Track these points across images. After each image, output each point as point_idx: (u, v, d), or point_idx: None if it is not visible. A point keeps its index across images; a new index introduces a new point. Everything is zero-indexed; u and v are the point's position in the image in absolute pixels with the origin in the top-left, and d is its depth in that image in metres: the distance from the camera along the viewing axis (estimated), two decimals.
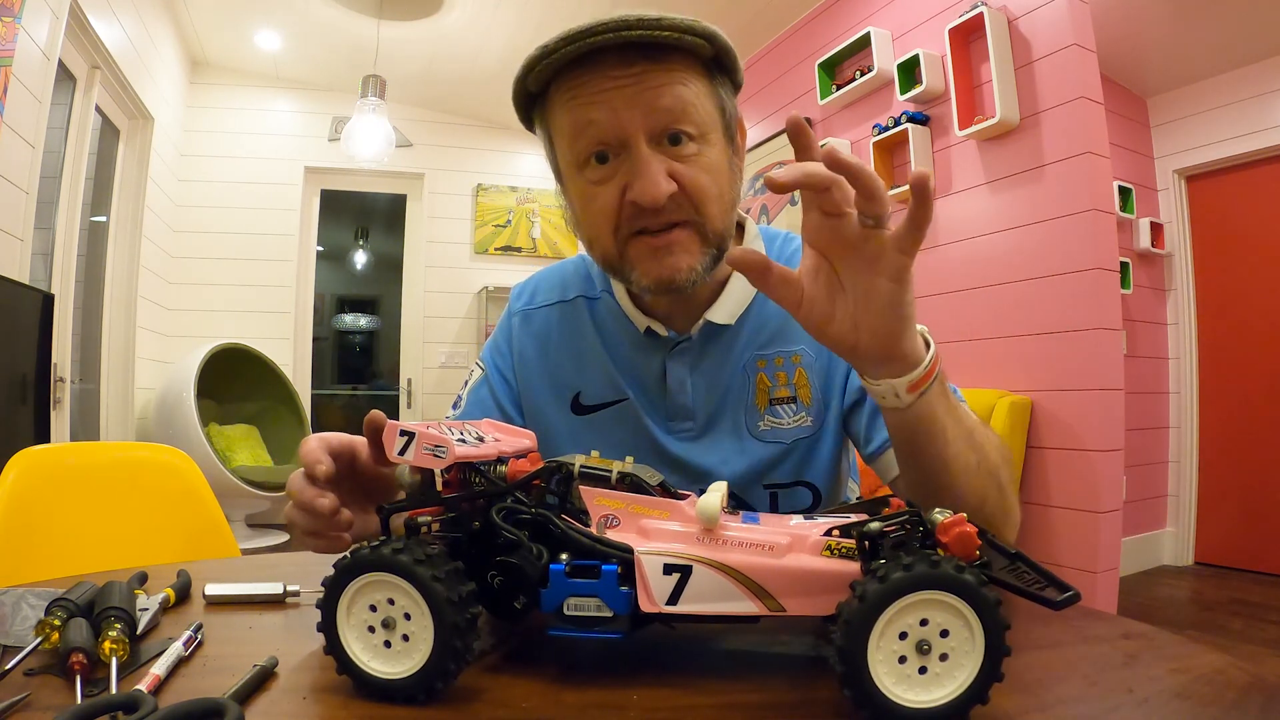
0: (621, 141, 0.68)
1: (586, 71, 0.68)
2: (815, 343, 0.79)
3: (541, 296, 0.90)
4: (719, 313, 0.80)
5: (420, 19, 3.88)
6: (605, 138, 0.69)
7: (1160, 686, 0.46)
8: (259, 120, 4.69)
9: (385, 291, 6.77)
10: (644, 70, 0.67)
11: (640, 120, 0.67)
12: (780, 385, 0.81)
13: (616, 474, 0.48)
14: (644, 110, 0.67)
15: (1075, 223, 2.52)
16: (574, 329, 0.86)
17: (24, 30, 2.29)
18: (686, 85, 0.68)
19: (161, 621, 0.57)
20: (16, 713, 0.40)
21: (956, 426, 0.61)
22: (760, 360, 0.81)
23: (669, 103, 0.67)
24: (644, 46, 0.66)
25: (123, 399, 3.70)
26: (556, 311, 0.88)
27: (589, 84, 0.68)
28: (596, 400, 0.84)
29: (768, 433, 0.81)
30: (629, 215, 0.70)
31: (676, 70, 0.68)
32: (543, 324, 0.88)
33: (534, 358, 0.87)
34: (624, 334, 0.84)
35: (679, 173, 0.69)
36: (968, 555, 0.41)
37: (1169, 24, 3.24)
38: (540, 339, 0.87)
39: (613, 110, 0.67)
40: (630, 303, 0.83)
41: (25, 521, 0.98)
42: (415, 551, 0.42)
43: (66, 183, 3.00)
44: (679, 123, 0.68)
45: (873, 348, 0.55)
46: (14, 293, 2.19)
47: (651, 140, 0.68)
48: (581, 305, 0.87)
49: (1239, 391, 3.61)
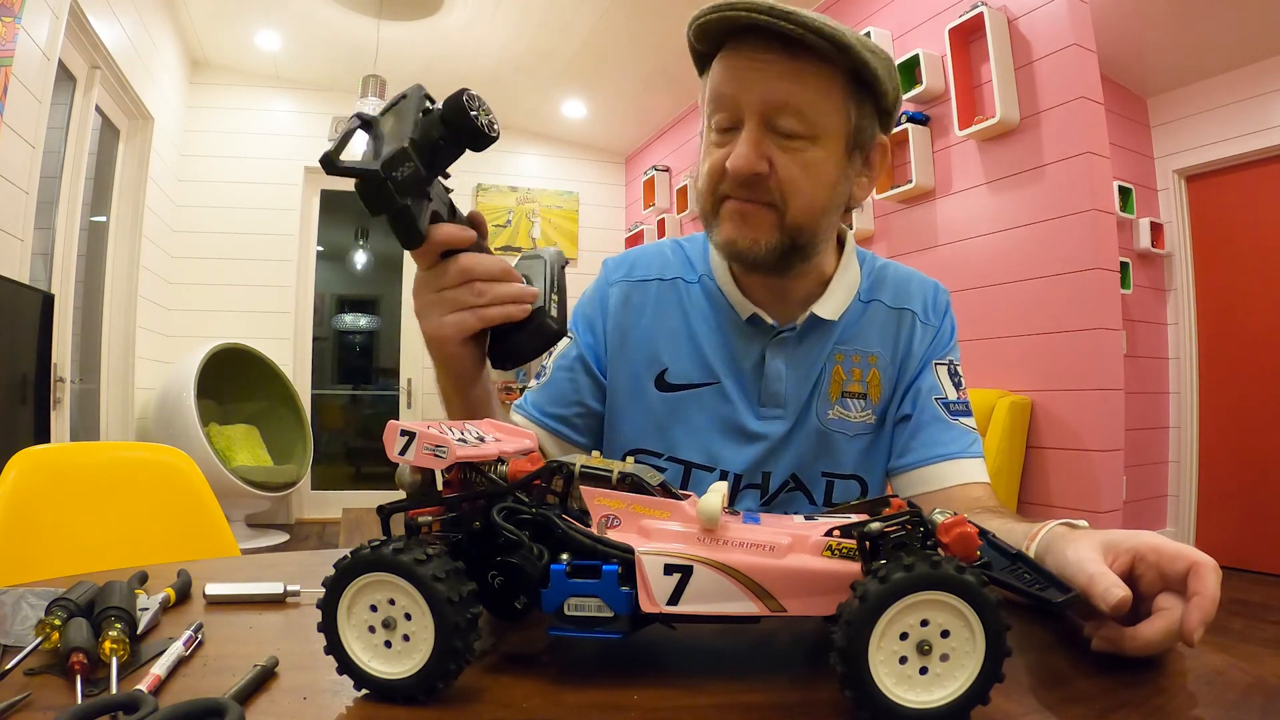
0: (739, 117, 0.74)
1: (737, 46, 0.74)
2: (891, 348, 0.87)
3: (640, 271, 0.92)
4: (825, 308, 0.84)
5: (420, 19, 3.88)
6: (728, 109, 0.74)
7: (1160, 687, 0.46)
8: (259, 120, 4.69)
9: (385, 291, 6.76)
10: (776, 59, 0.71)
11: (755, 103, 0.72)
12: (854, 380, 0.86)
13: (617, 474, 0.48)
14: (760, 95, 0.72)
15: (1075, 223, 2.52)
16: (669, 307, 0.89)
17: (24, 30, 2.29)
18: (810, 87, 0.72)
19: (161, 621, 0.57)
20: (16, 713, 0.40)
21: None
22: (839, 354, 0.86)
23: (782, 95, 0.72)
24: (786, 38, 0.70)
25: (123, 399, 3.70)
26: (654, 288, 0.90)
27: (731, 58, 0.74)
28: (683, 380, 0.87)
29: (835, 422, 0.85)
30: (728, 181, 0.75)
31: (806, 70, 0.71)
32: (640, 298, 0.90)
33: (628, 329, 0.89)
34: (722, 318, 0.87)
35: (777, 159, 0.73)
36: (968, 556, 0.41)
37: (1169, 24, 3.24)
38: (636, 312, 0.89)
39: (736, 89, 0.73)
40: (734, 288, 0.86)
41: (25, 521, 0.98)
42: (415, 551, 0.42)
43: (66, 183, 3.00)
44: (785, 114, 0.72)
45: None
46: (14, 293, 2.19)
47: (764, 124, 0.73)
48: (680, 286, 0.90)
49: (1239, 391, 3.61)
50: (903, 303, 0.89)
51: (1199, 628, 0.45)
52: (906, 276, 0.92)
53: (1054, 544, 0.56)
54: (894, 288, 0.90)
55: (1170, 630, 0.47)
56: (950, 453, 0.83)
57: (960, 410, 0.86)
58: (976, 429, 0.86)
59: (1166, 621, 0.47)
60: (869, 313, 0.88)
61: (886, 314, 0.88)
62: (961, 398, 0.87)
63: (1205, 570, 0.47)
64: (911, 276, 0.92)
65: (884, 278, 0.90)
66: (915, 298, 0.89)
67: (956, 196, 2.95)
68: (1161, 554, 0.50)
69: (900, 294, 0.89)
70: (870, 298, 0.88)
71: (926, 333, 0.88)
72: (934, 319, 0.89)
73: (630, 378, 0.88)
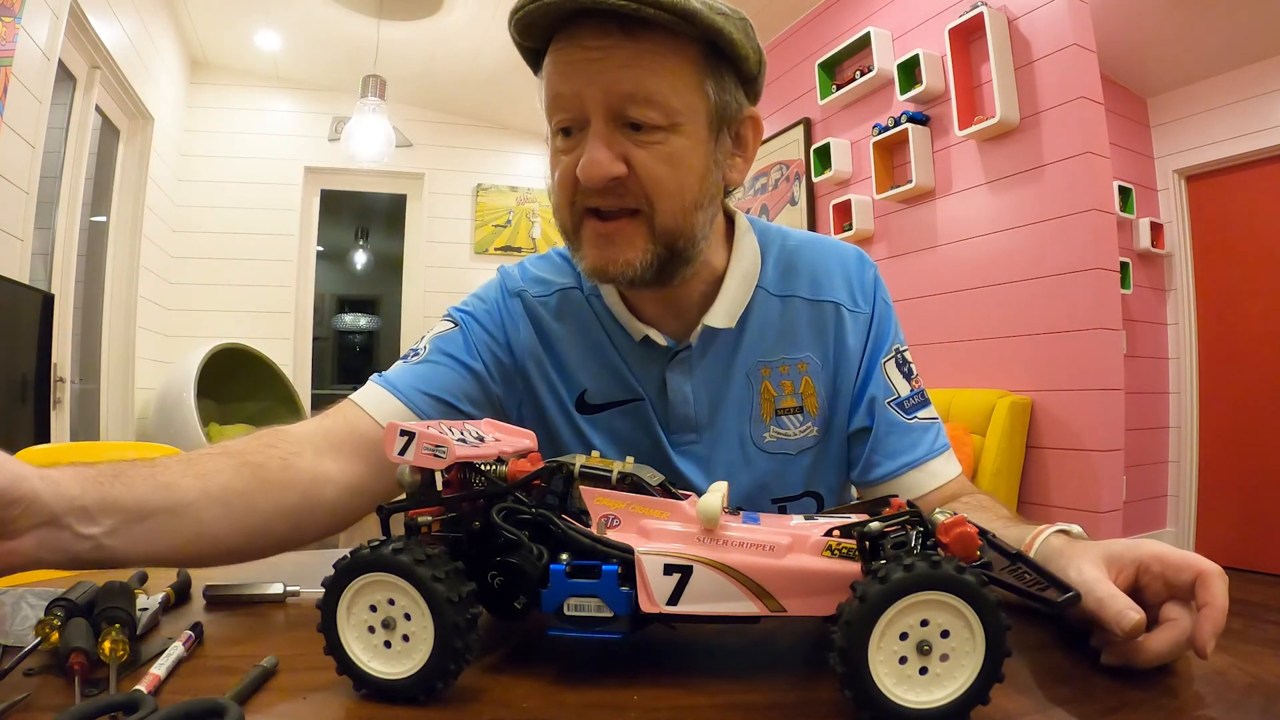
0: (583, 117, 0.66)
1: (568, 36, 0.65)
2: (821, 348, 0.78)
3: (540, 285, 0.82)
4: (716, 316, 0.75)
5: (420, 19, 3.88)
6: (569, 110, 0.66)
7: (1161, 687, 0.46)
8: (259, 120, 4.69)
9: (385, 291, 6.77)
10: (615, 45, 0.63)
11: (599, 98, 0.64)
12: (786, 395, 0.78)
13: (617, 474, 0.48)
14: (603, 89, 0.64)
15: (1075, 223, 2.52)
16: (578, 321, 0.80)
17: (24, 30, 2.29)
18: (659, 70, 0.64)
19: (161, 621, 0.57)
20: (16, 713, 0.40)
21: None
22: (764, 368, 0.78)
23: (629, 86, 0.63)
24: (622, 18, 0.62)
25: (123, 399, 3.70)
26: (557, 299, 0.81)
27: (564, 51, 0.65)
28: (604, 399, 0.79)
29: (773, 444, 0.78)
30: (582, 190, 0.67)
31: (652, 51, 0.63)
32: (545, 311, 0.81)
33: (536, 346, 0.80)
34: (617, 339, 0.79)
35: (634, 158, 0.65)
36: (968, 556, 0.41)
37: (1169, 24, 3.24)
38: (543, 326, 0.81)
39: (576, 85, 0.65)
40: (623, 307, 0.77)
41: None
42: (415, 551, 0.42)
43: (66, 183, 3.00)
44: (636, 106, 0.64)
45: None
46: (14, 293, 2.19)
47: (611, 119, 0.65)
48: (578, 296, 0.81)
49: (1239, 391, 3.60)
50: (824, 294, 0.79)
51: (1211, 639, 0.45)
52: (823, 255, 0.81)
53: (1052, 559, 0.54)
54: (810, 275, 0.79)
55: (1179, 641, 0.46)
56: (914, 459, 0.76)
57: (916, 404, 0.78)
58: (936, 415, 0.80)
59: (1176, 633, 0.47)
60: (788, 311, 0.78)
61: (808, 310, 0.78)
62: (915, 388, 0.79)
63: (1213, 579, 0.47)
64: (828, 254, 0.81)
65: (797, 263, 0.80)
66: (837, 283, 0.79)
67: (956, 196, 2.95)
68: (1166, 564, 0.49)
69: (819, 282, 0.79)
70: (785, 292, 0.79)
71: (859, 322, 0.79)
72: (863, 304, 0.79)
73: (553, 399, 0.80)
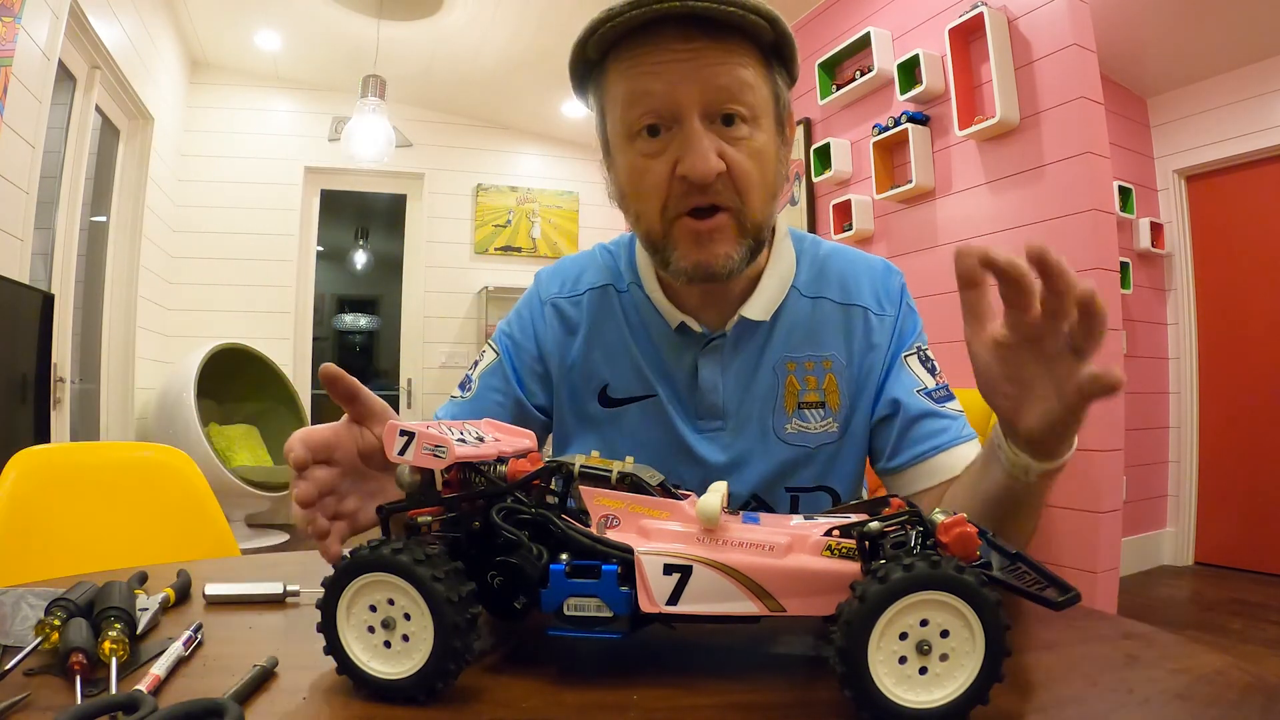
0: (675, 115, 0.68)
1: (646, 43, 0.67)
2: (847, 348, 0.81)
3: (573, 285, 0.87)
4: (753, 309, 0.79)
5: (420, 19, 3.88)
6: (659, 109, 0.68)
7: (1160, 687, 0.46)
8: (259, 120, 4.69)
9: (385, 291, 6.77)
10: (704, 46, 0.66)
11: (696, 95, 0.67)
12: (810, 389, 0.81)
13: (616, 474, 0.48)
14: (701, 86, 0.67)
15: (1075, 223, 2.52)
16: (604, 319, 0.85)
17: (24, 30, 2.29)
18: (744, 67, 0.68)
19: (161, 621, 0.57)
20: (16, 713, 0.40)
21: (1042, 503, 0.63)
22: (790, 363, 0.81)
23: (726, 81, 0.67)
24: (705, 23, 0.66)
25: (123, 399, 3.70)
26: (587, 300, 0.86)
27: (648, 55, 0.67)
28: (624, 394, 0.83)
29: (794, 436, 0.80)
30: (678, 193, 0.69)
31: (735, 51, 0.67)
32: (575, 313, 0.86)
33: (565, 347, 0.85)
34: (654, 328, 0.82)
35: (727, 154, 0.68)
36: (968, 555, 0.41)
37: (1169, 24, 3.24)
38: (572, 328, 0.85)
39: (669, 83, 0.67)
40: (663, 295, 0.81)
41: (25, 521, 0.98)
42: (415, 551, 0.42)
43: (66, 183, 3.00)
44: (734, 103, 0.68)
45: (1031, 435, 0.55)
46: (14, 293, 2.19)
47: (705, 117, 0.68)
48: (611, 294, 0.85)
49: (1239, 391, 3.60)
50: (853, 298, 0.83)
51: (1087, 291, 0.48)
52: (852, 263, 0.85)
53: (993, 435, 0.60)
54: (840, 281, 0.84)
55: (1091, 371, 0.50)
56: (945, 442, 0.78)
57: (943, 396, 0.81)
58: (961, 410, 0.82)
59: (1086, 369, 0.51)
60: (818, 312, 0.82)
61: (837, 312, 0.82)
62: (940, 382, 0.82)
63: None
64: (857, 262, 0.86)
65: (827, 269, 0.85)
66: (865, 289, 0.83)
67: (956, 196, 2.94)
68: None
69: (849, 287, 0.83)
70: (816, 294, 0.83)
71: (884, 325, 0.82)
72: (889, 309, 0.83)
73: (573, 397, 0.84)
